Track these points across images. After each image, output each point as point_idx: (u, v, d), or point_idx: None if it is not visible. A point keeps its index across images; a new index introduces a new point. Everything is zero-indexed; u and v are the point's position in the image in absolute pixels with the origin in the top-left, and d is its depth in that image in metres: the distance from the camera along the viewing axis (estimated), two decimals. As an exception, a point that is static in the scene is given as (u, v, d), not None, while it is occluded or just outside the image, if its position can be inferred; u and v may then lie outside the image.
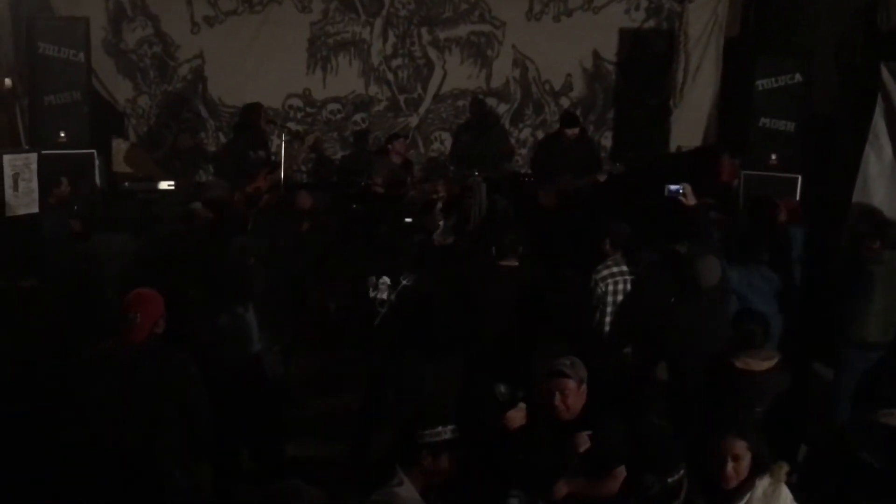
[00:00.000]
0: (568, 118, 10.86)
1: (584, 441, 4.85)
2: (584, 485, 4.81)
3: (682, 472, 4.09)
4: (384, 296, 6.77)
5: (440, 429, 4.31)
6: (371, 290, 6.79)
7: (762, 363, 5.62)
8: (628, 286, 6.80)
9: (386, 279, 6.77)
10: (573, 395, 4.84)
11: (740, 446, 4.35)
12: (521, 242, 6.87)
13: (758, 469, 4.39)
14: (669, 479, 4.03)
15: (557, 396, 4.85)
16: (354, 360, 7.37)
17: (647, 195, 9.65)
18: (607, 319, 6.79)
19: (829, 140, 10.22)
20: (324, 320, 8.15)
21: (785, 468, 4.47)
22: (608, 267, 6.85)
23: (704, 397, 6.03)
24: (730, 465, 4.31)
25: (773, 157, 9.83)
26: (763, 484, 4.39)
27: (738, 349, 5.75)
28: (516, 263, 6.84)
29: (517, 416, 5.15)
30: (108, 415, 5.11)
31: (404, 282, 6.77)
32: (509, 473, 4.94)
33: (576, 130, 10.58)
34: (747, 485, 4.36)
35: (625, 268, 6.84)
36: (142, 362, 5.16)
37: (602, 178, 9.99)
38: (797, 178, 9.56)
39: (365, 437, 6.91)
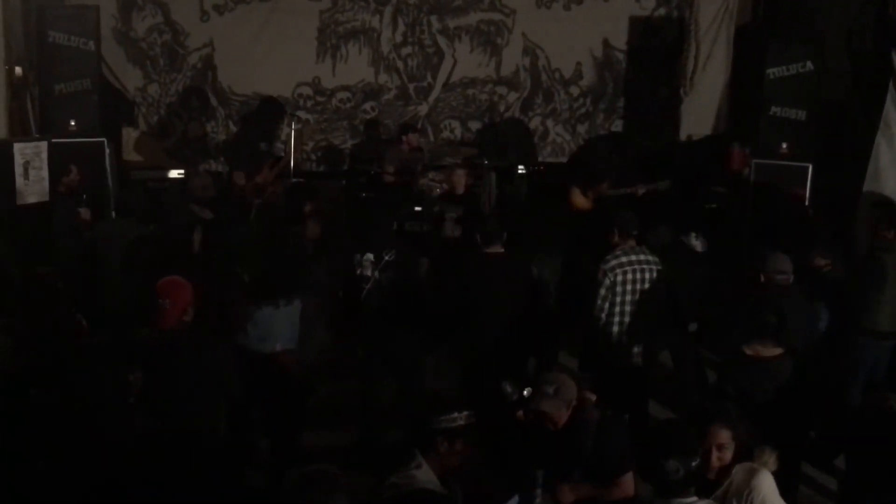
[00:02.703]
0: None
1: None
2: (590, 491, 4.82)
3: (699, 458, 4.12)
4: (368, 272, 6.85)
5: (455, 415, 4.33)
6: (357, 267, 6.88)
7: (772, 350, 5.64)
8: (637, 275, 6.75)
9: (370, 255, 6.86)
10: (563, 418, 4.85)
11: (725, 436, 4.47)
12: (504, 229, 6.87)
13: (740, 457, 4.49)
14: (693, 464, 4.05)
15: (547, 423, 4.88)
16: (359, 348, 7.42)
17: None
18: (616, 310, 6.75)
19: (840, 129, 10.18)
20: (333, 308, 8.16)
21: (769, 454, 4.51)
22: (616, 257, 6.79)
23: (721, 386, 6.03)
24: (714, 455, 4.42)
25: (784, 145, 9.80)
26: (743, 469, 4.45)
27: (749, 337, 5.76)
28: (501, 250, 6.84)
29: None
30: (136, 401, 5.15)
31: (386, 257, 6.86)
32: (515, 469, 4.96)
33: None
34: (727, 471, 4.46)
35: (633, 257, 6.79)
36: (171, 349, 5.19)
37: (641, 192, 9.82)
38: (808, 167, 9.53)
39: (371, 422, 6.95)
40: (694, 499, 4.06)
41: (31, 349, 5.35)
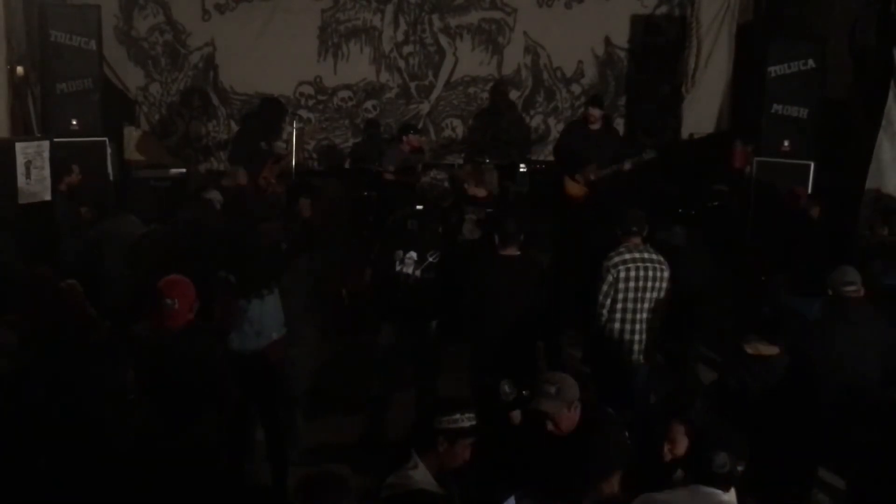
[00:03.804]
0: (594, 99, 10.46)
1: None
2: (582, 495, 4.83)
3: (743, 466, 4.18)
4: (409, 270, 6.88)
5: (458, 416, 4.32)
6: (397, 263, 6.90)
7: (771, 348, 5.67)
8: (641, 272, 6.73)
9: (413, 254, 6.89)
10: (564, 419, 4.85)
11: (677, 430, 4.69)
12: (522, 231, 6.83)
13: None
14: (740, 467, 4.13)
15: (549, 423, 4.87)
16: (367, 345, 7.40)
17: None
18: (619, 306, 6.73)
19: (842, 126, 10.17)
20: (336, 306, 8.17)
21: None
22: (620, 254, 6.76)
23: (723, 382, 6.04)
24: (666, 446, 4.68)
25: (786, 143, 9.79)
26: None
27: (746, 336, 5.79)
28: (518, 253, 6.80)
29: (517, 416, 5.18)
30: (146, 398, 5.16)
31: (430, 258, 6.89)
32: (513, 472, 4.96)
33: (598, 113, 10.06)
34: (681, 462, 4.60)
35: (637, 255, 6.77)
36: (179, 347, 5.20)
37: (628, 166, 9.74)
38: (810, 165, 9.53)
39: (380, 416, 6.95)
40: (720, 491, 4.11)
41: (34, 346, 5.35)
